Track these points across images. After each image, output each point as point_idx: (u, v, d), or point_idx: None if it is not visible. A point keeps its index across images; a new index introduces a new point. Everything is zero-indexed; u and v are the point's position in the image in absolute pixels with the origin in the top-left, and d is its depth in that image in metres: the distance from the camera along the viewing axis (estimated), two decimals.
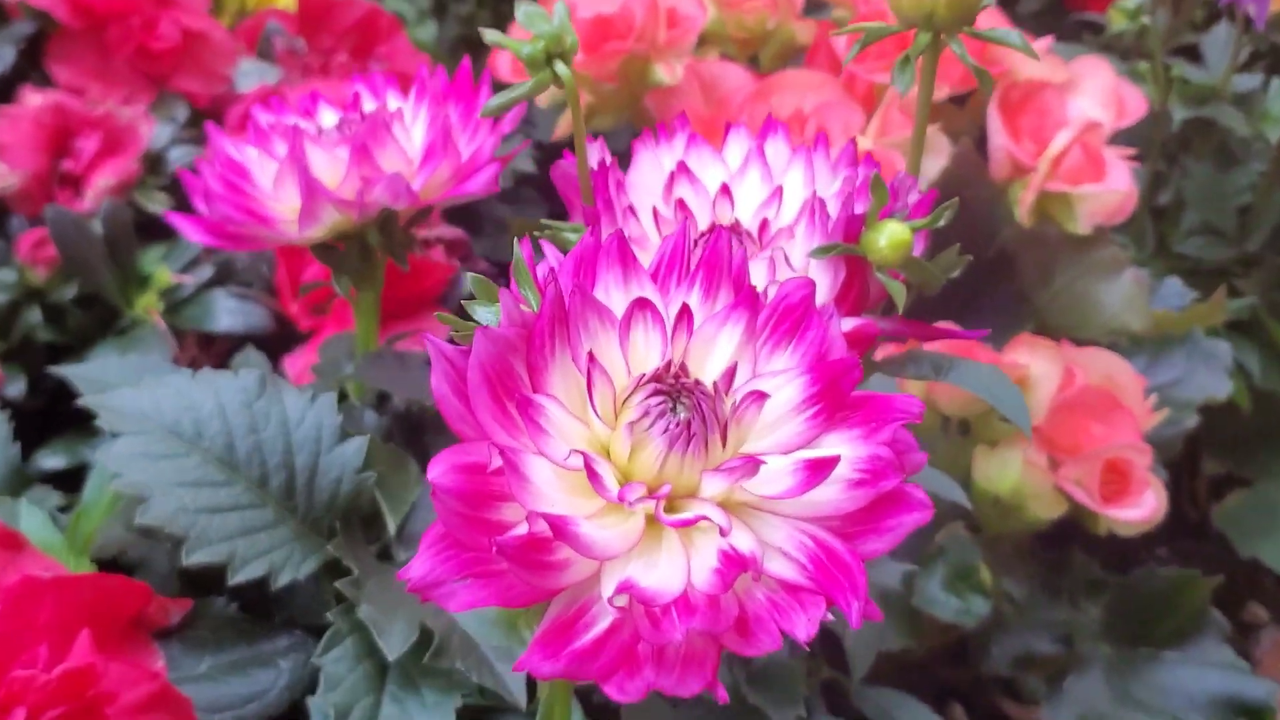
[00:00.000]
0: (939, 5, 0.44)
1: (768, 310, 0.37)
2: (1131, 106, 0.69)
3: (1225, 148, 0.85)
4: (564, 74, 0.43)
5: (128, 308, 0.66)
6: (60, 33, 0.68)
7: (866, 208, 0.45)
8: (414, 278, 0.65)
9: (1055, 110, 0.67)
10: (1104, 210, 0.67)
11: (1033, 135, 0.67)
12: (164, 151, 0.67)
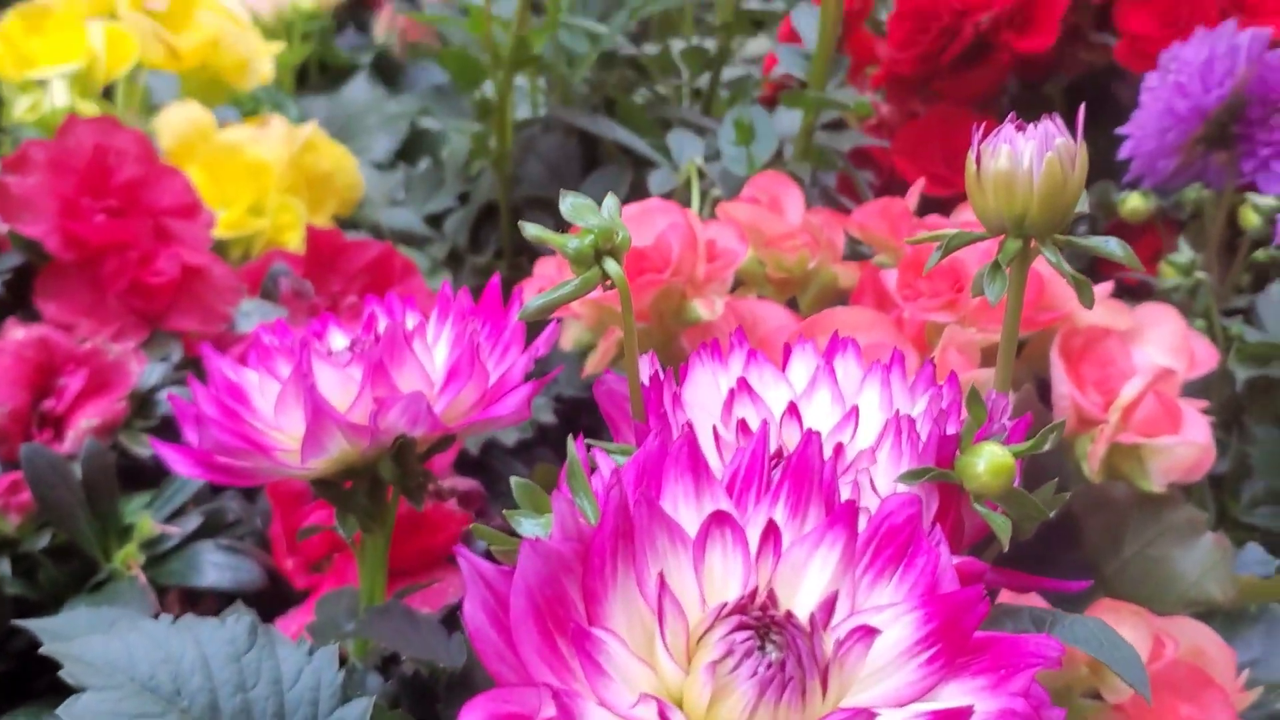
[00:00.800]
0: (1032, 207, 0.39)
1: (867, 532, 0.31)
2: (1203, 357, 0.65)
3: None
4: (614, 272, 0.38)
5: (106, 560, 0.59)
6: (51, 265, 0.64)
7: (957, 430, 0.39)
8: (425, 530, 0.59)
9: (1120, 359, 0.63)
10: (1180, 466, 0.62)
11: (1098, 386, 0.62)
12: (153, 392, 0.62)
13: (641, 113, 0.83)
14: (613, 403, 0.42)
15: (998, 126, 0.41)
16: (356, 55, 1.16)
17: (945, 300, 0.60)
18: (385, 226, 0.87)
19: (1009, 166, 0.40)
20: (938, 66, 0.91)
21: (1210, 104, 0.73)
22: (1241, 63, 0.74)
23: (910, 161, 0.91)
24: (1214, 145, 0.77)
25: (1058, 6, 0.89)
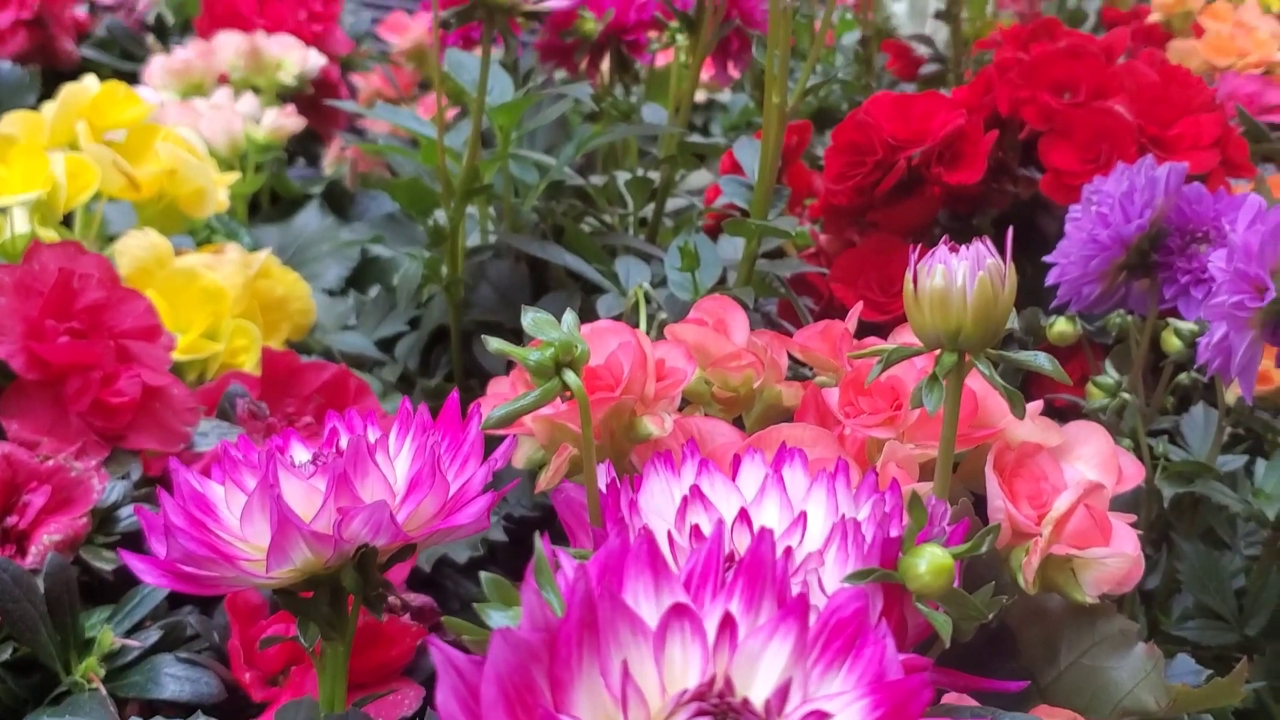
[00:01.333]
0: (966, 322, 0.42)
1: (817, 625, 0.33)
2: (1130, 473, 0.67)
3: (1211, 531, 0.83)
4: (574, 383, 0.40)
5: (67, 673, 0.59)
6: (15, 384, 0.65)
7: (899, 533, 0.41)
8: (381, 642, 0.60)
9: (1052, 474, 0.65)
10: (1111, 577, 0.64)
11: (1031, 500, 0.64)
12: (114, 509, 0.63)
13: (589, 240, 0.86)
14: (570, 511, 0.44)
15: (932, 249, 0.43)
16: (307, 186, 1.19)
17: (885, 417, 0.62)
18: (337, 350, 0.89)
19: (944, 285, 0.42)
20: (872, 198, 0.94)
21: (1131, 233, 0.77)
22: (1160, 195, 0.78)
23: (848, 288, 0.94)
24: (1136, 272, 0.81)
25: (984, 143, 0.94)
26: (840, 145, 0.95)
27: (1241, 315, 0.70)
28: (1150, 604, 0.82)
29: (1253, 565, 0.80)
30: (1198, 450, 0.80)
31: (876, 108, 0.95)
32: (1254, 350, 0.71)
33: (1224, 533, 0.82)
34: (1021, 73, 0.95)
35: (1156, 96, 0.93)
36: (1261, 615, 0.78)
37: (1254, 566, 0.79)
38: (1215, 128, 0.92)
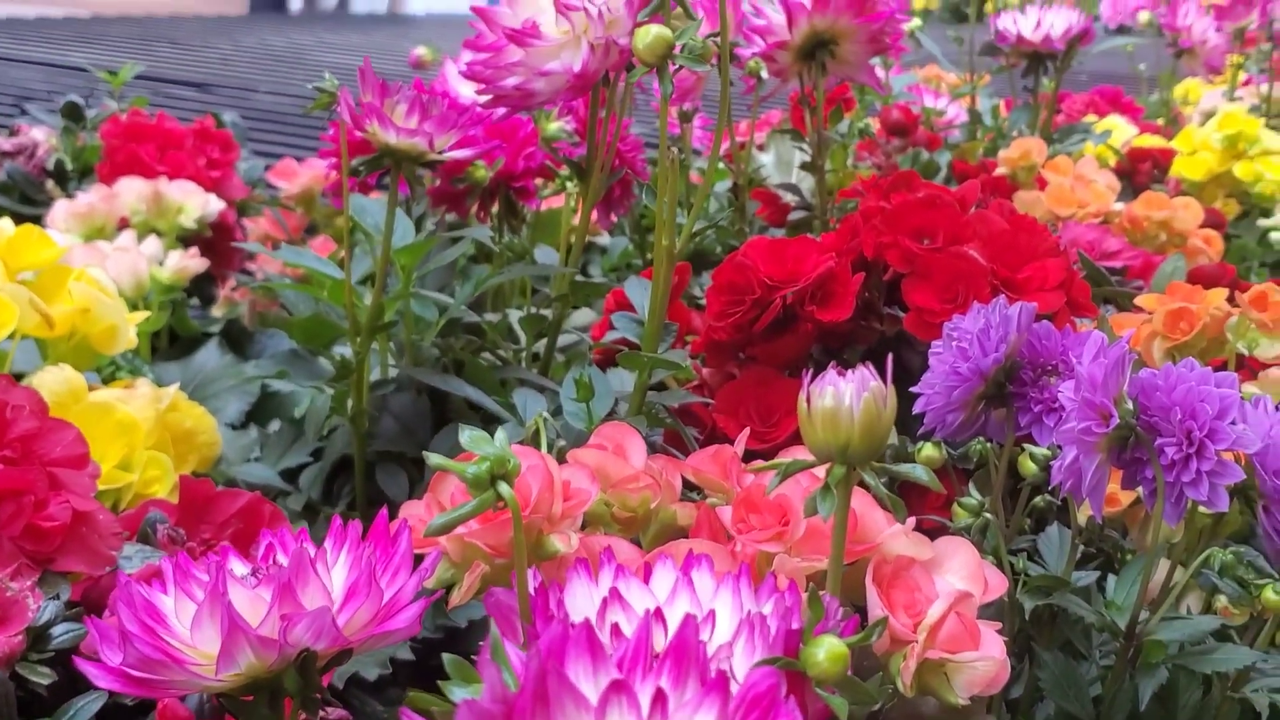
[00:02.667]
0: (853, 438, 0.48)
1: (737, 698, 0.38)
2: (994, 584, 0.73)
3: (1069, 643, 0.89)
4: (507, 494, 0.45)
5: None
6: None
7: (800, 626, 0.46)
8: None
9: (925, 585, 0.71)
10: (980, 680, 0.69)
11: (907, 609, 0.70)
12: (48, 627, 0.65)
13: (488, 373, 0.91)
14: (500, 613, 0.48)
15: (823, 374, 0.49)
16: (206, 325, 1.23)
17: (774, 532, 0.67)
18: (242, 481, 0.92)
19: (834, 404, 0.48)
20: (751, 334, 1.01)
21: (988, 366, 0.84)
22: (1013, 331, 0.85)
23: (729, 418, 1.01)
24: (994, 402, 0.88)
25: (853, 284, 1.01)
26: (721, 285, 1.02)
27: (1089, 440, 0.78)
28: (1015, 712, 0.87)
29: (1107, 673, 0.86)
30: (1054, 567, 0.86)
31: (754, 251, 1.03)
32: (1102, 472, 0.78)
33: (1080, 644, 0.88)
34: (884, 220, 1.03)
35: (1007, 243, 1.02)
36: (1118, 718, 0.84)
37: (1109, 674, 0.85)
38: (1060, 271, 1.01)
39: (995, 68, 1.91)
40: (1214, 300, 1.01)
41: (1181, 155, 2.02)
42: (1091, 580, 0.87)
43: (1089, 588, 0.87)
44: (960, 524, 0.84)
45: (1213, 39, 2.18)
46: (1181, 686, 0.84)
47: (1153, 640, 0.81)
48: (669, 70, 0.79)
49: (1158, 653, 0.82)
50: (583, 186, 0.96)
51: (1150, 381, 0.79)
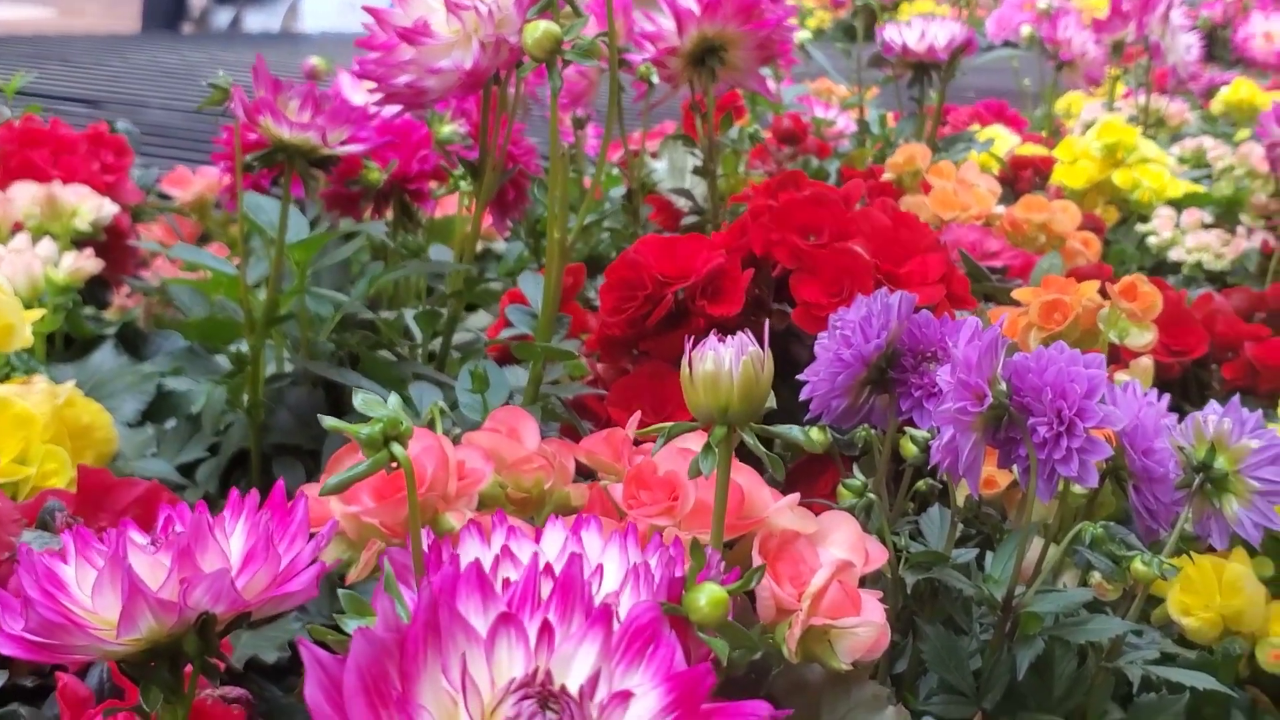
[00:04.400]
0: (733, 400, 0.50)
1: (620, 629, 0.40)
2: (875, 555, 0.76)
3: (951, 618, 0.92)
4: (400, 454, 0.47)
5: None
6: None
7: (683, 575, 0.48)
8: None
9: (809, 557, 0.73)
10: (862, 645, 0.72)
11: (792, 580, 0.73)
12: None
13: (384, 367, 0.92)
14: (396, 569, 0.50)
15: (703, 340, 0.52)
16: (102, 327, 1.22)
17: (664, 507, 0.70)
18: (140, 476, 0.92)
19: (714, 368, 0.51)
20: (643, 329, 1.04)
21: (870, 352, 0.87)
22: (894, 319, 0.89)
23: (623, 411, 1.02)
24: (877, 389, 0.91)
25: (742, 279, 1.04)
26: (613, 281, 1.04)
27: (965, 419, 0.81)
28: (900, 685, 0.91)
29: (987, 645, 0.89)
30: (935, 545, 0.90)
31: (646, 248, 1.05)
32: (977, 450, 0.82)
33: (961, 618, 0.91)
34: (772, 218, 1.07)
35: (890, 239, 1.06)
36: (997, 690, 0.87)
37: (988, 646, 0.89)
38: (941, 266, 1.05)
39: (883, 79, 1.96)
40: (1087, 292, 1.06)
41: (1063, 164, 2.09)
42: (971, 557, 0.91)
43: (969, 564, 0.90)
44: (845, 504, 0.87)
45: (1091, 51, 2.26)
46: (1058, 657, 0.87)
47: (1029, 613, 0.85)
48: (558, 66, 0.81)
49: (1034, 624, 0.86)
50: (476, 185, 0.98)
51: (1023, 363, 0.83)
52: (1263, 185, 1.92)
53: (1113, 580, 0.89)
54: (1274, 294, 1.45)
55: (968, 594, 0.84)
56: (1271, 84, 3.05)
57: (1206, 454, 0.82)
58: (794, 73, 2.46)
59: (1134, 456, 0.86)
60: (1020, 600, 0.84)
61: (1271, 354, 1.26)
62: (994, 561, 0.88)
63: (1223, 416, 0.82)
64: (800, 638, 0.72)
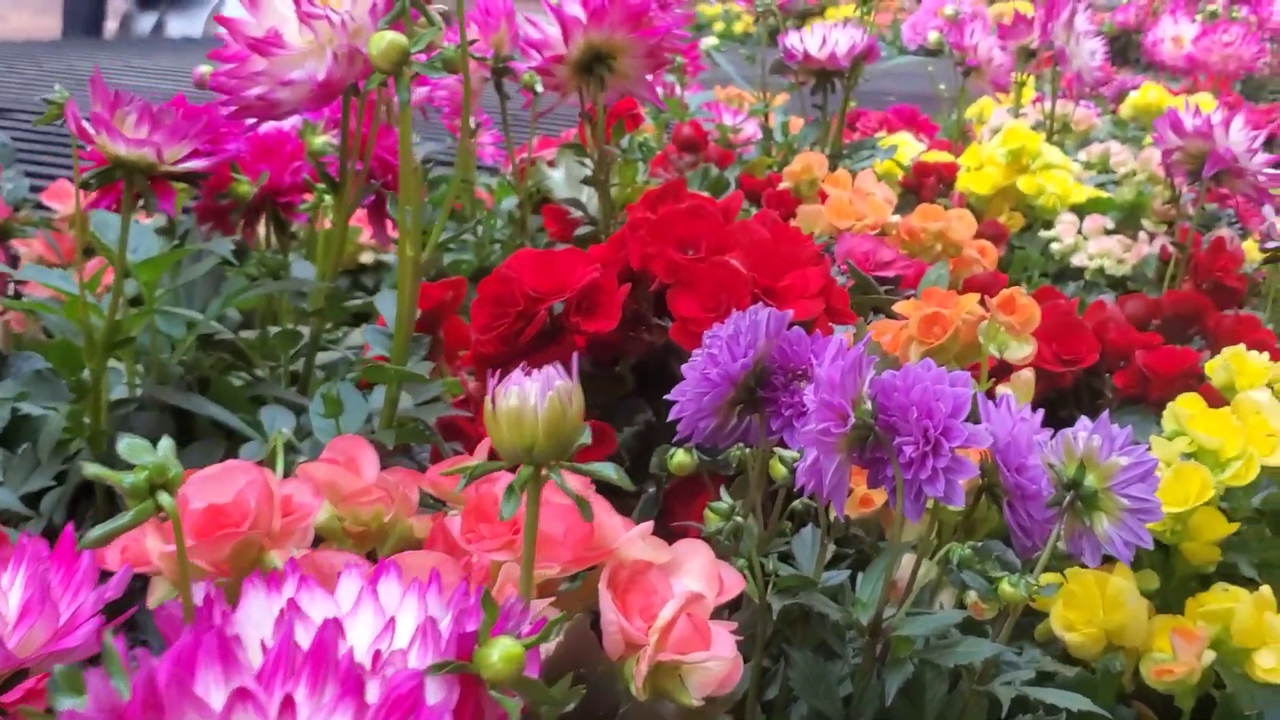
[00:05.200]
0: (538, 438, 0.48)
1: (378, 701, 0.37)
2: (730, 584, 0.74)
3: (824, 644, 0.90)
4: (167, 503, 0.43)
5: None
6: None
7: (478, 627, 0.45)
8: None
9: (661, 588, 0.71)
10: (713, 680, 0.69)
11: (642, 613, 0.70)
12: None
13: (237, 391, 0.89)
14: (168, 625, 0.46)
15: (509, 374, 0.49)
16: None
17: (504, 541, 0.67)
18: None
19: (518, 404, 0.48)
20: (517, 346, 1.01)
21: (737, 371, 0.85)
22: (761, 336, 0.86)
23: None
24: (747, 408, 0.89)
25: (618, 294, 1.02)
26: (486, 297, 1.01)
27: (828, 440, 0.79)
28: (771, 713, 0.88)
29: (858, 670, 0.87)
30: (806, 567, 0.88)
31: (519, 262, 1.02)
32: (842, 472, 0.80)
33: (834, 643, 0.89)
34: (650, 230, 1.04)
35: (768, 251, 1.03)
36: (867, 715, 0.85)
37: (858, 671, 0.86)
38: (820, 279, 1.03)
39: (787, 85, 1.94)
40: (967, 305, 1.04)
41: (969, 170, 2.08)
42: (843, 579, 0.88)
43: (841, 586, 0.88)
44: (712, 528, 0.84)
45: (998, 57, 2.26)
46: (929, 681, 0.85)
47: (899, 636, 0.83)
48: (406, 78, 0.78)
49: (904, 648, 0.84)
50: (337, 199, 0.94)
51: (889, 382, 0.81)
52: (1164, 190, 1.92)
53: (987, 600, 0.88)
54: (1169, 301, 1.45)
55: (834, 618, 0.82)
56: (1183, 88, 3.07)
57: (1076, 471, 0.80)
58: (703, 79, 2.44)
59: (1007, 474, 0.85)
60: (889, 623, 0.82)
61: (1162, 362, 1.25)
62: (862, 584, 0.86)
63: (1092, 433, 0.81)
64: (648, 674, 0.69)
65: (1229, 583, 0.98)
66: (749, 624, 0.87)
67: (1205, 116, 1.51)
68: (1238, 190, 1.52)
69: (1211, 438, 0.98)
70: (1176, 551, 1.01)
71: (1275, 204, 1.55)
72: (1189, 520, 0.98)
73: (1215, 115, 1.50)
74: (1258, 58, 2.88)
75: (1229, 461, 0.99)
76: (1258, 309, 1.63)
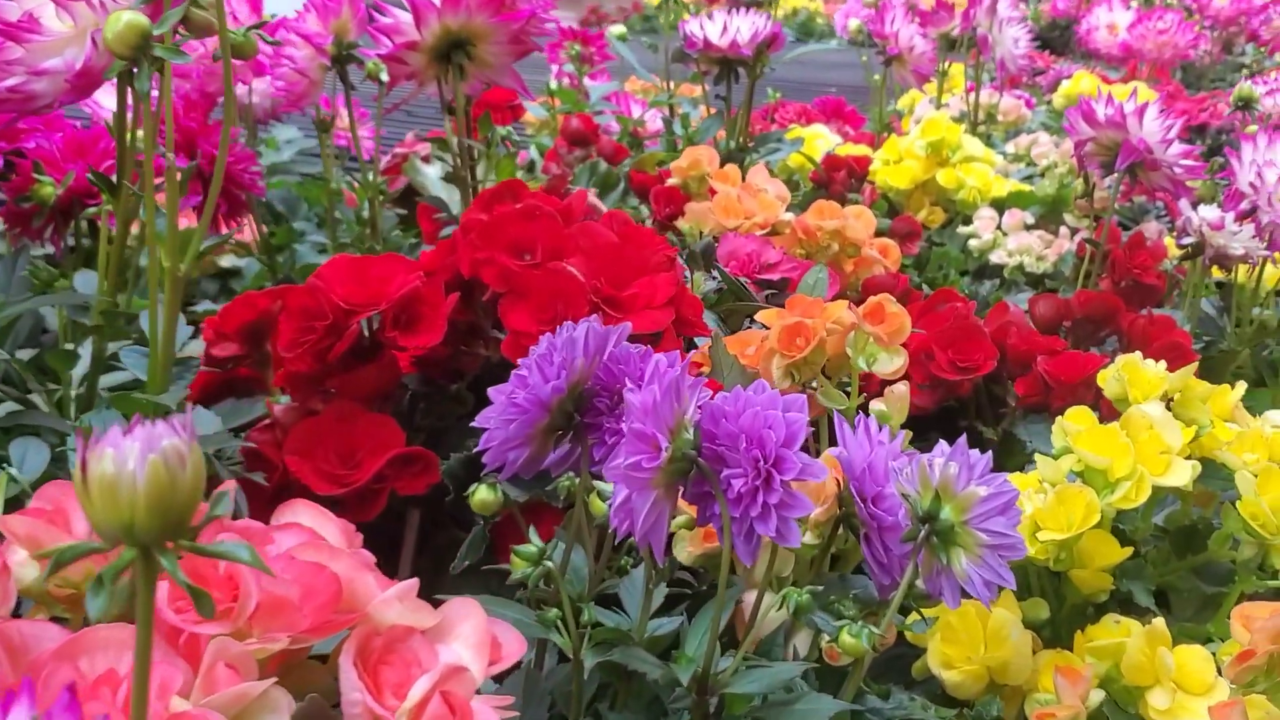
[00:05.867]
0: (139, 513, 0.37)
1: None
2: (509, 649, 0.64)
3: (656, 700, 0.80)
4: None
5: None
6: None
7: None
8: None
9: (424, 658, 0.61)
10: None
11: (396, 689, 0.59)
12: None
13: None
14: None
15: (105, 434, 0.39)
16: None
17: (220, 609, 0.56)
18: None
19: (113, 470, 0.37)
20: (328, 364, 0.90)
21: (548, 395, 0.75)
22: (579, 355, 0.76)
23: (304, 460, 0.89)
24: (570, 435, 0.79)
25: (444, 305, 0.92)
26: (293, 310, 0.91)
27: (641, 476, 0.69)
28: None
29: None
30: (632, 613, 0.78)
31: (332, 271, 0.92)
32: (659, 510, 0.70)
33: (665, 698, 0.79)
34: (481, 234, 0.94)
35: (612, 257, 0.93)
36: None
37: None
38: (669, 287, 0.93)
39: (691, 75, 1.84)
40: (833, 313, 0.94)
41: (888, 164, 1.99)
42: (675, 626, 0.79)
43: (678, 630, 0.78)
44: (519, 575, 0.74)
45: (920, 45, 2.17)
46: None
47: (731, 693, 0.73)
48: (146, 65, 0.68)
49: (738, 706, 0.75)
50: (114, 203, 0.84)
51: (718, 407, 0.71)
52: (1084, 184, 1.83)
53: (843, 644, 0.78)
54: (1080, 301, 1.36)
55: (652, 676, 0.72)
56: (1122, 78, 2.99)
57: (931, 503, 0.71)
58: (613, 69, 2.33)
59: (861, 505, 0.76)
60: (715, 681, 0.72)
61: (1064, 369, 1.16)
62: (689, 635, 0.76)
63: (948, 460, 0.71)
64: None
65: (1128, 610, 0.88)
66: (565, 681, 0.77)
67: (1118, 105, 1.41)
68: (1153, 183, 1.43)
69: (1099, 456, 0.89)
70: (1067, 578, 0.92)
71: (1193, 197, 1.46)
72: (1076, 546, 0.89)
73: (1128, 104, 1.40)
74: (1194, 44, 2.80)
75: (1119, 482, 0.90)
76: (1178, 308, 1.54)
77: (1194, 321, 1.47)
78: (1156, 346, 1.27)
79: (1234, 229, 1.37)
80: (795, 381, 0.96)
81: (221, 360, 1.00)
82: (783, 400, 0.70)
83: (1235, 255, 1.37)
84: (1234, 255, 1.37)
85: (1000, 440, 1.21)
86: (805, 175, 1.91)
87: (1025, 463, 1.15)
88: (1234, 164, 1.39)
